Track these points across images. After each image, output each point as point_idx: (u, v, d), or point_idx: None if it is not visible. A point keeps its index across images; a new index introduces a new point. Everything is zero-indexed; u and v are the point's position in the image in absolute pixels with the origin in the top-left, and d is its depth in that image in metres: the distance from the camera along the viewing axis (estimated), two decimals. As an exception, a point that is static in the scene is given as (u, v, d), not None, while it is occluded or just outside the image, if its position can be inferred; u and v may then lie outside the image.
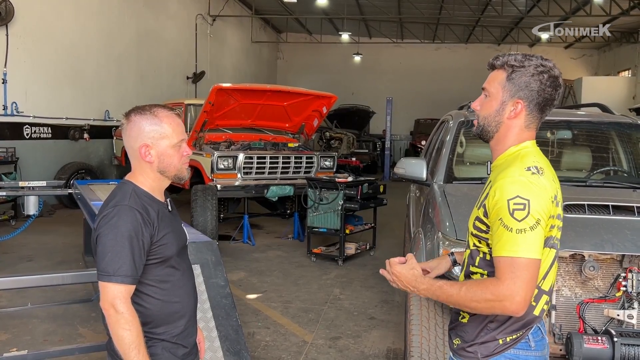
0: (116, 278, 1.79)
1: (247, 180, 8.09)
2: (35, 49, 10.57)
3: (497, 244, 1.64)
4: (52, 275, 3.98)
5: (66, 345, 4.10)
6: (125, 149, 1.99)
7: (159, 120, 1.92)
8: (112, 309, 1.78)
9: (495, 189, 1.67)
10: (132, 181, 1.96)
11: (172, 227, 1.99)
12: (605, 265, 2.70)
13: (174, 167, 1.97)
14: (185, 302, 2.03)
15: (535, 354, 1.75)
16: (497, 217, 1.64)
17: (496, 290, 1.59)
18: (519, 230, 1.58)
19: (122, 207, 1.85)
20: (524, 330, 1.73)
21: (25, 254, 7.34)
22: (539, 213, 1.60)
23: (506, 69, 1.75)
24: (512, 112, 1.75)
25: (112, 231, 1.82)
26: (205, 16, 18.48)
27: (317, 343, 4.63)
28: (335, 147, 16.59)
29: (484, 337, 1.74)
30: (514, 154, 1.75)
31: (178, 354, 2.00)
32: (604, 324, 2.66)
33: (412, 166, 4.02)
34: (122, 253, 1.80)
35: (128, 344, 1.77)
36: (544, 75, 1.71)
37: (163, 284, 1.95)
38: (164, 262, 1.95)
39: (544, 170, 1.68)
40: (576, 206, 3.00)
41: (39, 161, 10.72)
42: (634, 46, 21.66)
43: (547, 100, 1.74)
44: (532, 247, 1.59)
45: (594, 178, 3.79)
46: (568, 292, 2.74)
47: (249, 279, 6.52)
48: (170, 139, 1.94)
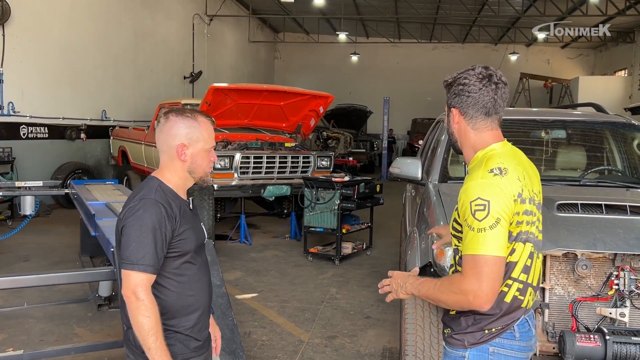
0: (139, 267, 1.89)
1: (243, 180, 8.09)
2: (32, 49, 10.56)
3: (463, 243, 1.79)
4: (48, 275, 4.01)
5: (62, 345, 4.11)
6: (158, 145, 2.09)
7: (197, 124, 2.05)
8: (133, 296, 1.88)
9: (462, 192, 1.81)
10: (159, 177, 2.07)
11: (192, 224, 2.08)
12: (598, 264, 2.72)
13: (202, 169, 2.10)
14: (199, 296, 2.11)
15: (520, 344, 1.86)
16: (464, 218, 1.79)
17: (461, 285, 1.73)
18: (480, 229, 1.71)
19: (147, 201, 1.96)
20: (509, 322, 1.84)
21: (21, 254, 7.34)
22: (499, 212, 1.72)
23: (445, 86, 1.96)
24: (453, 120, 1.95)
25: (137, 222, 1.92)
26: (202, 16, 18.48)
27: (313, 342, 4.65)
28: (332, 146, 16.60)
29: (471, 327, 1.86)
30: (481, 158, 1.88)
31: (190, 346, 2.07)
32: (597, 322, 2.68)
33: (407, 166, 4.04)
34: (146, 243, 1.90)
35: (147, 330, 1.86)
36: (465, 81, 1.87)
37: (179, 277, 2.04)
38: (182, 256, 2.04)
39: (507, 171, 1.78)
40: (569, 205, 3.01)
41: (35, 161, 10.72)
42: (630, 46, 21.72)
43: (477, 100, 1.87)
44: (493, 245, 1.70)
45: (587, 177, 3.80)
46: (561, 290, 2.75)
47: (245, 279, 6.53)
48: (205, 144, 2.07)
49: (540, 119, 4.33)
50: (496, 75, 1.88)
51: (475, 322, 1.85)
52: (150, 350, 1.87)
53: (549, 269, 2.75)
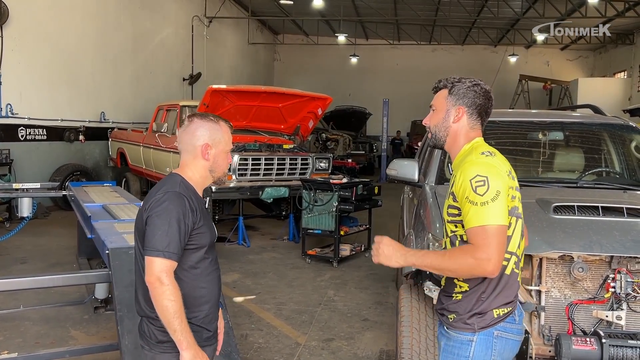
0: (164, 254, 2.01)
1: (241, 182, 8.07)
2: (30, 51, 10.56)
3: (467, 218, 1.91)
4: (43, 277, 3.96)
5: (57, 348, 4.08)
6: (182, 145, 2.24)
7: (219, 127, 2.22)
8: (157, 282, 1.99)
9: (459, 175, 1.97)
10: (181, 174, 2.20)
11: (207, 221, 2.22)
12: (594, 266, 2.70)
13: (221, 169, 2.26)
14: (210, 289, 2.23)
15: (518, 327, 2.05)
16: (464, 197, 1.92)
17: (476, 254, 1.84)
18: (483, 203, 1.87)
19: (172, 193, 2.10)
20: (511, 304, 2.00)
21: (19, 256, 7.32)
22: (498, 185, 1.89)
23: (447, 86, 2.13)
24: (456, 117, 2.09)
25: (164, 213, 2.05)
26: (201, 18, 18.48)
27: (310, 345, 4.63)
28: (331, 148, 16.58)
29: (480, 307, 1.97)
30: (469, 149, 2.07)
31: (203, 336, 2.19)
32: (593, 325, 2.66)
33: (404, 167, 4.01)
34: (171, 233, 2.03)
35: (172, 313, 1.98)
36: (477, 87, 2.09)
37: (194, 269, 2.16)
38: (198, 249, 2.16)
39: (495, 154, 2.01)
40: (566, 207, 2.99)
41: (34, 163, 10.70)
42: (630, 48, 21.72)
43: (482, 107, 2.09)
44: (497, 215, 1.86)
45: (585, 179, 3.78)
46: (557, 293, 2.74)
47: (243, 281, 6.51)
48: (225, 146, 2.24)
49: (537, 120, 4.31)
50: (491, 91, 2.13)
51: (483, 302, 1.97)
52: (177, 332, 1.99)
53: (545, 271, 2.74)
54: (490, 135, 4.32)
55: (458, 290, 2.03)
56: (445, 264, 1.91)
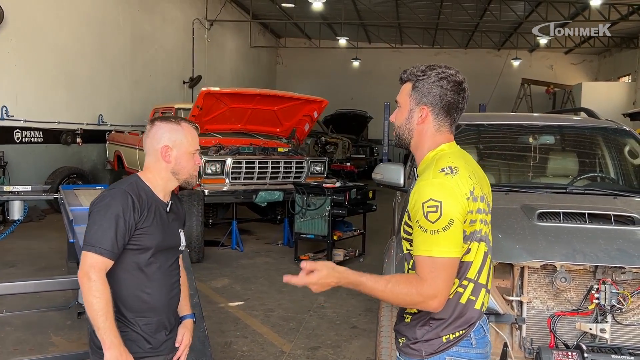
0: (95, 249, 1.97)
1: (235, 186, 7.97)
2: (27, 53, 10.51)
3: (415, 244, 1.73)
4: (26, 282, 3.86)
5: (31, 356, 3.99)
6: (145, 149, 2.21)
7: (181, 129, 2.18)
8: (85, 277, 1.95)
9: (413, 193, 1.76)
10: (140, 176, 2.19)
11: (161, 223, 2.15)
12: (578, 276, 2.58)
13: (186, 171, 2.19)
14: (157, 297, 2.15)
15: (477, 352, 1.80)
16: (415, 219, 1.73)
17: (421, 289, 1.67)
18: (433, 231, 1.67)
19: (117, 190, 2.08)
20: (466, 327, 1.78)
21: (8, 260, 7.24)
22: (452, 213, 1.67)
23: (411, 80, 1.87)
24: (419, 118, 1.86)
25: (104, 208, 2.02)
26: (202, 20, 18.43)
27: (294, 353, 4.51)
28: (330, 152, 16.47)
29: (427, 334, 1.79)
30: (432, 158, 1.84)
31: (141, 346, 2.11)
32: (577, 338, 2.54)
33: (389, 172, 3.92)
34: (106, 228, 1.98)
35: (97, 310, 1.92)
36: (444, 81, 1.81)
37: (137, 272, 2.11)
38: (142, 251, 2.09)
39: (458, 170, 1.75)
40: (550, 214, 2.87)
41: (30, 165, 10.64)
42: (634, 51, 21.53)
43: (451, 103, 1.83)
44: (447, 247, 1.67)
45: (575, 185, 3.66)
46: (539, 304, 2.61)
47: (232, 286, 6.40)
48: (188, 147, 2.18)
49: (527, 124, 4.19)
50: (464, 81, 1.86)
51: (431, 329, 1.79)
52: (100, 330, 1.93)
53: (527, 281, 2.62)
54: (479, 139, 4.23)
55: (408, 311, 1.85)
56: (387, 293, 1.70)
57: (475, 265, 1.78)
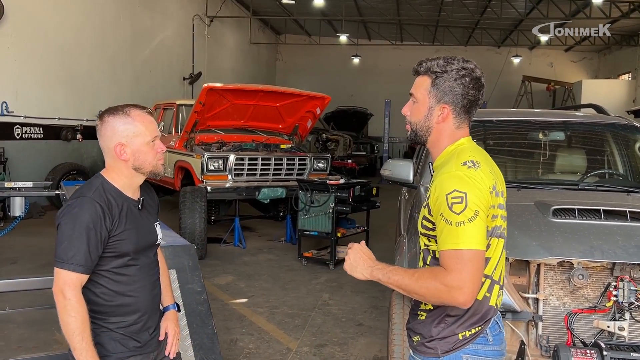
0: (68, 265, 1.86)
1: (238, 182, 7.94)
2: (27, 48, 10.44)
3: (440, 238, 1.68)
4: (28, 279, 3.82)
5: (36, 353, 3.95)
6: (101, 148, 2.06)
7: (131, 119, 2.00)
8: (60, 295, 1.85)
9: (435, 186, 1.72)
10: (104, 176, 2.04)
11: (136, 224, 2.04)
12: (595, 273, 2.55)
13: (149, 163, 2.04)
14: (139, 298, 2.08)
15: (494, 349, 1.78)
16: (438, 212, 1.69)
17: (445, 280, 1.62)
18: (459, 223, 1.63)
19: (84, 199, 1.93)
20: (482, 323, 1.76)
21: (9, 256, 7.20)
22: (477, 204, 1.64)
23: (430, 75, 1.82)
24: (439, 117, 1.81)
25: (72, 221, 1.89)
26: (202, 17, 18.35)
27: (301, 351, 4.48)
28: (331, 149, 16.42)
29: (443, 332, 1.76)
30: (451, 152, 1.80)
31: (129, 345, 2.05)
32: (594, 336, 2.51)
33: (398, 168, 3.87)
34: (78, 242, 1.87)
35: (72, 330, 1.84)
36: (466, 79, 1.77)
37: (117, 276, 2.02)
38: (120, 257, 2.00)
39: (480, 163, 1.73)
40: (565, 210, 2.84)
41: (30, 162, 10.58)
42: (634, 49, 21.52)
43: (472, 101, 1.80)
44: (473, 239, 1.63)
45: (587, 181, 3.63)
46: (556, 301, 2.58)
47: (236, 283, 6.36)
48: (144, 137, 2.01)
49: (538, 120, 4.15)
50: (483, 75, 1.82)
51: (447, 326, 1.76)
52: (76, 350, 1.85)
53: (543, 278, 2.59)
54: (488, 136, 4.19)
55: (423, 308, 1.83)
56: (412, 286, 1.68)
57: (492, 261, 1.76)
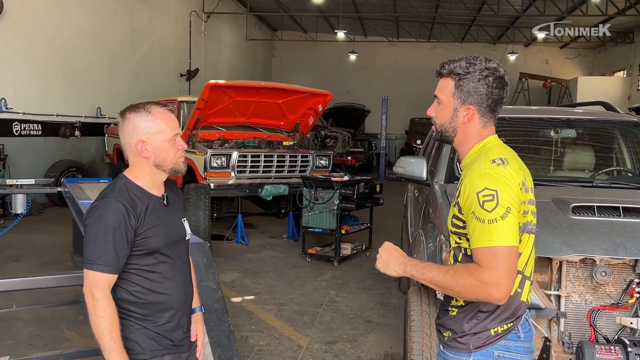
0: (96, 266, 1.88)
1: (241, 179, 7.92)
2: (25, 45, 10.37)
3: (472, 237, 1.70)
4: (37, 277, 3.80)
5: (50, 351, 3.93)
6: (122, 146, 2.06)
7: (152, 117, 2.01)
8: (90, 296, 1.89)
9: (465, 184, 1.75)
10: (127, 176, 2.05)
11: (163, 221, 2.04)
12: (617, 270, 2.57)
13: (170, 160, 2.04)
14: (173, 295, 2.08)
15: (524, 345, 1.80)
16: (469, 211, 1.71)
17: (481, 277, 1.64)
18: (491, 220, 1.65)
19: (108, 200, 1.94)
20: (514, 319, 1.78)
21: (12, 254, 7.16)
22: (508, 201, 1.67)
23: (453, 77, 1.84)
24: (465, 118, 1.84)
25: (96, 222, 1.91)
26: (199, 13, 18.28)
27: (312, 347, 4.49)
28: (330, 145, 16.42)
29: (475, 327, 1.78)
30: (479, 150, 1.83)
31: (162, 343, 2.05)
32: (616, 332, 2.53)
33: (411, 165, 3.88)
34: (104, 243, 1.88)
35: (101, 330, 1.87)
36: (489, 79, 1.79)
37: (150, 274, 2.02)
38: (150, 253, 2.01)
39: (508, 161, 1.75)
40: (585, 208, 2.85)
41: (28, 158, 10.52)
42: (629, 46, 21.61)
43: (496, 100, 1.82)
44: (506, 235, 1.64)
45: (600, 178, 3.65)
46: (578, 298, 2.60)
47: (242, 280, 6.36)
48: (165, 134, 2.02)
49: (549, 117, 4.17)
50: (506, 73, 1.84)
51: (479, 321, 1.78)
52: (105, 350, 1.88)
53: (565, 275, 2.60)
54: (500, 133, 4.20)
55: (454, 304, 1.85)
56: (447, 282, 1.71)
57: (523, 257, 1.77)
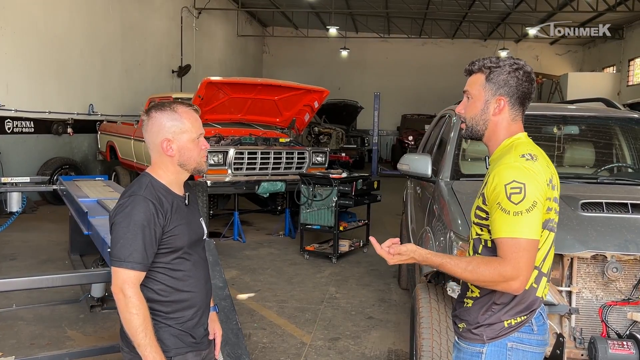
0: (127, 264, 1.89)
1: (237, 176, 7.90)
2: (17, 41, 10.26)
3: (495, 226, 1.74)
4: (39, 277, 3.78)
5: (56, 351, 3.90)
6: (147, 144, 2.08)
7: (178, 116, 2.03)
8: (121, 294, 1.89)
9: (493, 176, 1.78)
10: (151, 174, 2.05)
11: (186, 220, 2.06)
12: (628, 266, 2.59)
13: (193, 160, 2.06)
14: (194, 293, 2.10)
15: (538, 338, 1.84)
16: (495, 202, 1.75)
17: (502, 270, 1.69)
18: (517, 212, 1.69)
19: (136, 197, 1.95)
20: (527, 313, 1.82)
21: (8, 253, 7.10)
22: (535, 196, 1.71)
23: (484, 71, 1.90)
24: (496, 109, 1.88)
25: (126, 220, 1.92)
26: (190, 9, 18.17)
27: (316, 344, 4.49)
28: (324, 142, 16.41)
29: (489, 318, 1.83)
30: (509, 145, 1.87)
31: (186, 341, 2.07)
32: (627, 328, 2.55)
33: (416, 162, 3.89)
34: (134, 241, 1.90)
35: (136, 327, 1.88)
36: (520, 72, 1.86)
37: (173, 272, 2.04)
38: (175, 252, 2.02)
39: (537, 157, 1.80)
40: (593, 204, 2.88)
41: (21, 156, 10.43)
42: (619, 42, 21.76)
43: (525, 94, 1.88)
44: (530, 229, 1.69)
45: (605, 175, 3.68)
46: (589, 294, 2.62)
47: (241, 278, 6.35)
48: (190, 133, 2.03)
49: (551, 114, 4.19)
50: (532, 71, 1.90)
51: (493, 313, 1.83)
52: (140, 346, 1.88)
53: (576, 271, 2.62)
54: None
55: (469, 295, 1.90)
56: (467, 273, 1.76)
57: (541, 253, 1.81)
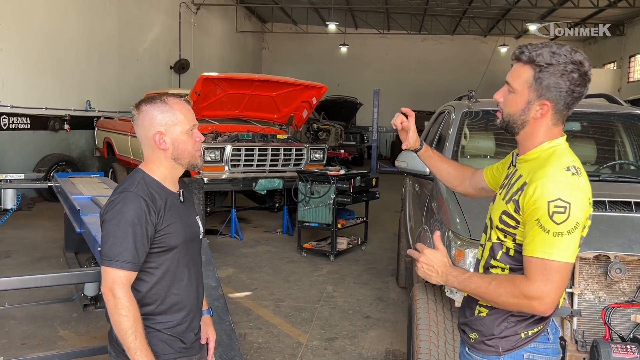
0: (116, 263, 1.80)
1: (234, 173, 7.81)
2: (13, 36, 10.15)
3: (530, 244, 1.59)
4: (30, 277, 3.69)
5: (46, 352, 3.83)
6: (138, 139, 1.99)
7: (170, 108, 1.93)
8: (110, 294, 1.80)
9: (534, 187, 1.59)
10: (144, 170, 1.97)
11: (180, 218, 1.97)
12: (631, 267, 2.51)
13: (188, 153, 1.96)
14: (185, 295, 2.00)
15: (553, 347, 1.76)
16: (533, 217, 1.59)
17: (526, 290, 1.57)
18: (557, 233, 1.55)
19: (127, 194, 1.86)
20: (544, 323, 1.73)
21: (2, 250, 7.02)
22: (578, 217, 1.56)
23: (533, 67, 1.64)
24: (538, 113, 1.67)
25: (116, 217, 1.83)
26: (189, 4, 18.05)
27: (312, 344, 4.42)
28: (323, 139, 16.32)
29: (505, 331, 1.72)
30: (549, 151, 1.68)
31: (175, 347, 1.97)
32: (630, 331, 2.48)
33: (414, 159, 3.78)
34: (124, 239, 1.81)
35: (125, 330, 1.78)
36: (574, 75, 1.61)
37: (164, 273, 1.95)
38: (168, 251, 1.93)
39: (581, 170, 1.63)
40: (596, 203, 2.78)
41: (17, 153, 10.34)
42: (620, 39, 21.66)
43: (576, 98, 1.65)
44: (567, 251, 1.56)
45: (606, 172, 3.60)
46: (591, 296, 2.54)
47: (238, 276, 6.28)
48: (183, 125, 1.94)
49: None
50: (590, 69, 1.64)
51: (510, 325, 1.72)
52: (130, 350, 1.79)
53: (578, 272, 2.55)
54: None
55: (482, 303, 1.77)
56: (490, 293, 1.64)
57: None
